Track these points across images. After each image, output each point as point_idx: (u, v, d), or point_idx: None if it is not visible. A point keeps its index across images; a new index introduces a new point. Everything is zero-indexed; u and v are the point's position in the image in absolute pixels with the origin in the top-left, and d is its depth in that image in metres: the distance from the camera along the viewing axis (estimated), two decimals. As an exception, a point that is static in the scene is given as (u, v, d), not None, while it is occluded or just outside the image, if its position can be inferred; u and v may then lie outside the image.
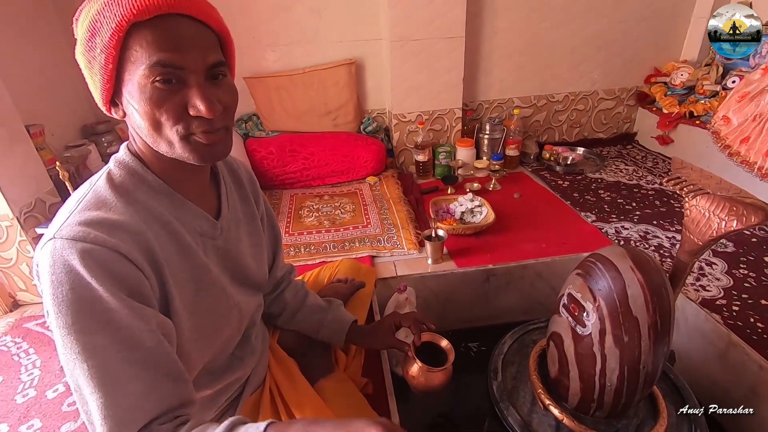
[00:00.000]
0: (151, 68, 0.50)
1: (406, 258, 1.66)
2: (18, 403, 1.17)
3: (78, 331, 0.48)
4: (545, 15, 2.37)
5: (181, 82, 0.53)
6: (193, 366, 0.64)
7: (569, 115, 2.68)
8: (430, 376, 0.84)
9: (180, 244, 0.60)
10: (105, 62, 0.51)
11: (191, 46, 0.52)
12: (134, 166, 0.59)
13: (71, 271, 0.48)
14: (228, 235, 0.70)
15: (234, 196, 0.75)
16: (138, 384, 0.50)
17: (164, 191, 0.60)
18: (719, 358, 1.00)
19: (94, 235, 0.50)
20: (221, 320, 0.68)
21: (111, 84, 0.53)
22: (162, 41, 0.50)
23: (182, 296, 0.59)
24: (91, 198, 0.55)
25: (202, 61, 0.53)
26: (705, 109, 2.23)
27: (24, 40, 1.76)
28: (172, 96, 0.52)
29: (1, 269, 1.51)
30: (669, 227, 1.76)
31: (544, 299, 1.31)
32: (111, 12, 0.49)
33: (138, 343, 0.51)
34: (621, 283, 0.70)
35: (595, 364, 0.73)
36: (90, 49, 0.52)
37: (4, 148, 1.40)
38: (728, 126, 1.95)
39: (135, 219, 0.55)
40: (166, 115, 0.53)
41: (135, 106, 0.53)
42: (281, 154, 2.21)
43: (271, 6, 2.17)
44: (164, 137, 0.55)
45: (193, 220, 0.63)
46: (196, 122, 0.54)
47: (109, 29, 0.49)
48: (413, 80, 2.24)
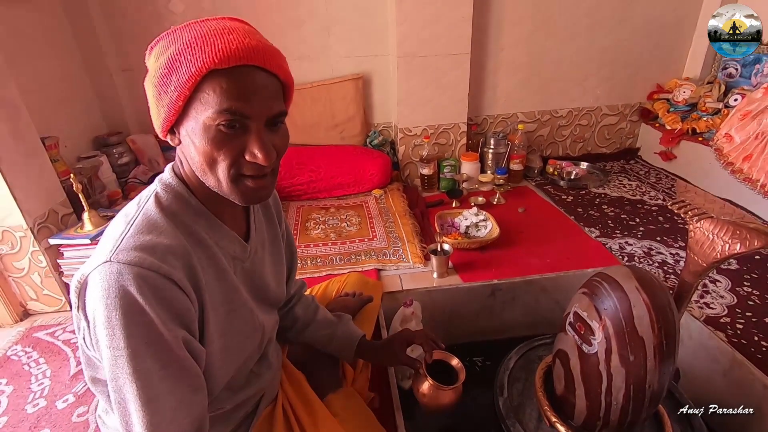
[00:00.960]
0: (221, 113, 0.52)
1: (411, 271, 1.68)
2: (28, 413, 1.19)
3: (130, 355, 0.51)
4: (550, 32, 2.42)
5: (243, 128, 0.55)
6: (217, 384, 0.65)
7: (573, 130, 2.71)
8: (440, 394, 0.84)
9: (217, 267, 0.62)
10: (176, 99, 0.53)
11: (259, 96, 0.54)
12: (180, 190, 0.61)
13: (126, 295, 0.50)
14: (255, 257, 0.72)
15: (260, 218, 0.77)
16: (172, 398, 0.54)
17: (205, 215, 0.63)
18: (723, 376, 1.01)
19: (150, 262, 0.52)
20: (247, 340, 0.70)
21: (176, 117, 0.56)
22: (235, 90, 0.52)
23: (216, 318, 0.62)
24: (142, 221, 0.57)
25: (267, 111, 0.56)
26: (708, 126, 2.25)
27: (41, 56, 1.81)
28: (232, 140, 0.55)
29: (14, 278, 1.53)
30: (673, 244, 1.77)
31: (549, 314, 1.31)
32: (193, 56, 0.51)
33: (177, 363, 0.54)
34: (627, 303, 0.71)
35: (601, 383, 0.74)
36: (164, 84, 0.53)
37: (20, 161, 1.43)
38: (731, 143, 1.97)
39: (183, 243, 0.57)
40: (223, 155, 0.55)
41: (195, 141, 0.55)
42: (288, 166, 2.24)
43: (283, 23, 2.22)
44: (215, 175, 0.57)
45: (228, 244, 0.66)
46: (248, 166, 0.57)
47: (188, 72, 0.51)
48: (419, 95, 2.28)
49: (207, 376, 0.61)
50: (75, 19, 2.01)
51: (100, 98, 2.16)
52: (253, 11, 2.17)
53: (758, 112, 1.84)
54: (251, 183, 0.58)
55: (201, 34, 0.53)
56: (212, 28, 0.54)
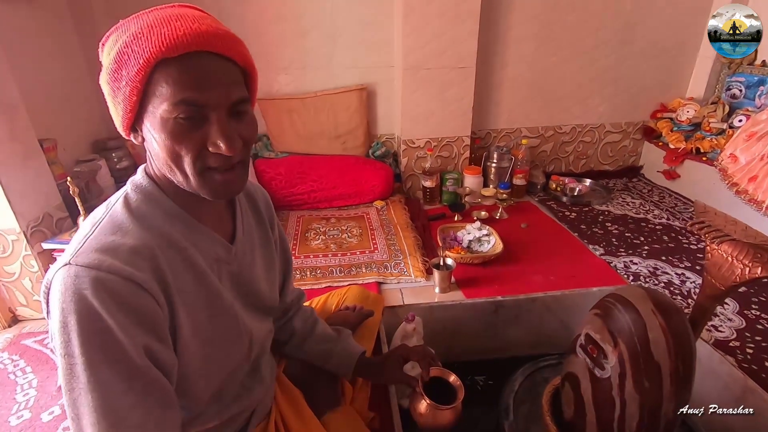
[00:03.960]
0: (175, 105, 0.50)
1: (413, 285, 1.64)
2: (12, 425, 1.14)
3: (85, 362, 0.47)
4: (555, 49, 2.42)
5: (203, 119, 0.52)
6: (200, 396, 0.62)
7: (576, 146, 2.70)
8: (438, 414, 0.81)
9: (195, 270, 0.59)
10: (129, 94, 0.51)
11: (216, 83, 0.52)
12: (151, 190, 0.59)
13: (82, 300, 0.47)
14: (242, 259, 0.69)
15: (250, 221, 0.74)
16: (136, 414, 0.50)
17: (180, 217, 0.60)
18: (735, 402, 0.97)
19: (109, 263, 0.49)
20: (232, 347, 0.66)
21: (133, 114, 0.53)
22: (188, 80, 0.50)
23: (195, 324, 0.58)
24: (107, 222, 0.55)
25: (225, 99, 0.53)
26: (712, 146, 2.24)
27: (43, 57, 1.79)
28: (192, 131, 0.52)
29: (3, 283, 1.49)
30: (678, 264, 1.75)
31: (553, 333, 1.28)
32: (139, 47, 0.49)
33: (140, 375, 0.50)
34: (642, 326, 0.68)
35: (614, 409, 0.71)
36: (115, 79, 0.52)
37: (17, 163, 1.40)
38: (735, 164, 1.95)
39: (149, 244, 0.54)
40: (185, 149, 0.53)
41: (155, 136, 0.53)
42: (290, 175, 2.22)
43: (288, 32, 2.22)
44: (181, 170, 0.54)
45: (209, 246, 0.62)
46: (213, 157, 0.54)
47: (136, 64, 0.49)
48: (423, 107, 2.27)
49: (187, 387, 0.57)
50: (79, 21, 2.00)
51: (101, 102, 2.10)
52: (260, 19, 2.17)
53: (764, 134, 1.82)
54: (219, 176, 0.55)
55: (148, 23, 0.51)
56: (160, 16, 0.51)
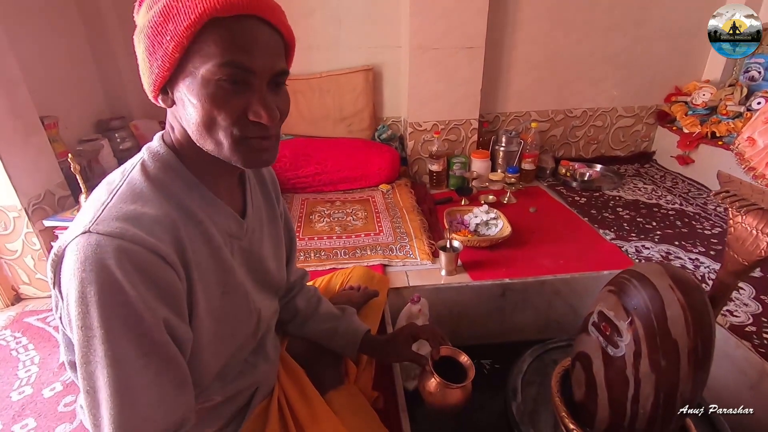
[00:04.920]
0: (222, 66, 0.48)
1: (418, 268, 1.61)
2: (13, 400, 1.13)
3: (104, 336, 0.46)
4: (567, 30, 2.35)
5: (245, 85, 0.51)
6: (207, 373, 0.60)
7: (587, 131, 2.64)
8: (448, 393, 0.79)
9: (211, 245, 0.57)
10: (173, 50, 0.48)
11: (264, 50, 0.51)
12: (169, 158, 0.56)
13: (104, 269, 0.45)
14: (252, 236, 0.67)
15: (258, 196, 0.73)
16: (151, 393, 0.48)
17: (197, 188, 0.57)
18: (751, 389, 0.94)
19: (133, 233, 0.47)
20: (241, 325, 0.65)
21: (170, 73, 0.51)
22: (238, 41, 0.49)
23: (209, 300, 0.57)
24: (126, 190, 0.52)
25: (270, 68, 0.52)
26: (728, 130, 2.18)
27: (45, 34, 1.76)
28: (234, 97, 0.50)
29: (6, 261, 1.48)
30: (692, 249, 1.70)
31: (561, 318, 1.25)
32: (191, 1, 0.47)
33: (159, 351, 0.49)
34: (659, 302, 0.65)
35: (627, 389, 0.67)
36: (158, 34, 0.49)
37: (18, 140, 1.38)
38: (753, 148, 1.89)
39: (171, 214, 0.52)
40: (225, 114, 0.50)
41: (192, 100, 0.50)
42: (295, 157, 2.19)
43: (292, 12, 2.14)
44: (215, 136, 0.52)
45: (223, 220, 0.61)
46: (251, 127, 0.52)
47: (186, 18, 0.47)
48: (430, 89, 2.22)
49: (196, 364, 0.55)
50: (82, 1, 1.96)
51: (104, 81, 2.11)
52: (264, -2, 2.12)
53: (784, 116, 1.77)
54: (255, 144, 0.54)
55: None
56: None
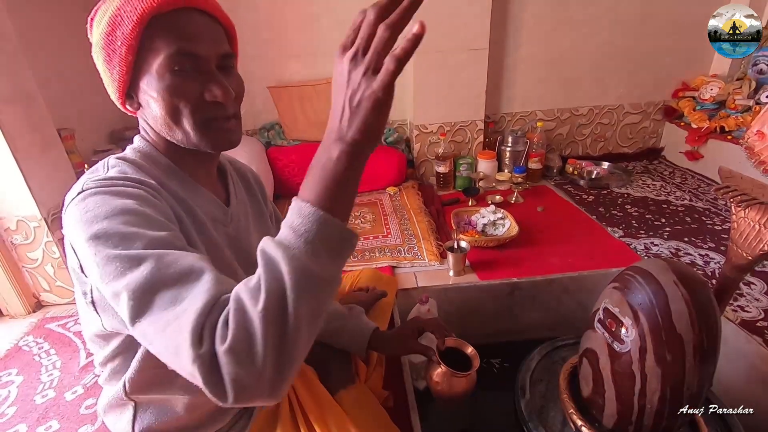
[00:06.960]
0: (171, 57, 0.53)
1: (427, 269, 1.63)
2: (37, 403, 1.17)
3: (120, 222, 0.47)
4: (571, 28, 2.35)
5: (197, 71, 0.56)
6: None
7: (593, 129, 2.63)
8: (453, 381, 0.81)
9: (195, 221, 0.60)
10: (126, 53, 0.53)
11: (206, 37, 0.56)
12: (149, 150, 0.61)
13: (102, 197, 0.49)
14: (239, 224, 0.70)
15: (242, 191, 0.76)
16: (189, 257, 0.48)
17: (178, 175, 0.62)
18: (762, 383, 0.94)
19: (124, 178, 0.53)
20: None
21: (129, 75, 0.55)
22: (181, 32, 0.54)
23: None
24: (114, 172, 0.55)
25: (215, 51, 0.57)
26: (737, 124, 2.16)
27: (61, 49, 1.82)
28: (189, 83, 0.55)
29: (27, 269, 1.53)
30: (702, 245, 1.69)
31: (570, 315, 1.25)
32: (132, 6, 0.52)
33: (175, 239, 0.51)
34: (663, 298, 0.66)
35: (634, 384, 0.68)
36: (110, 42, 0.54)
37: (37, 153, 1.43)
38: (763, 141, 1.87)
39: (154, 186, 0.56)
40: (184, 101, 0.55)
41: (153, 95, 0.55)
42: (302, 163, 2.22)
43: (299, 18, 2.21)
44: (180, 126, 0.57)
45: (206, 204, 0.64)
46: (211, 108, 0.57)
47: (130, 21, 0.52)
48: (436, 91, 2.24)
49: None
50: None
51: None
52: (271, 5, 2.17)
53: (794, 108, 1.75)
54: (220, 124, 0.58)
55: None
56: None
